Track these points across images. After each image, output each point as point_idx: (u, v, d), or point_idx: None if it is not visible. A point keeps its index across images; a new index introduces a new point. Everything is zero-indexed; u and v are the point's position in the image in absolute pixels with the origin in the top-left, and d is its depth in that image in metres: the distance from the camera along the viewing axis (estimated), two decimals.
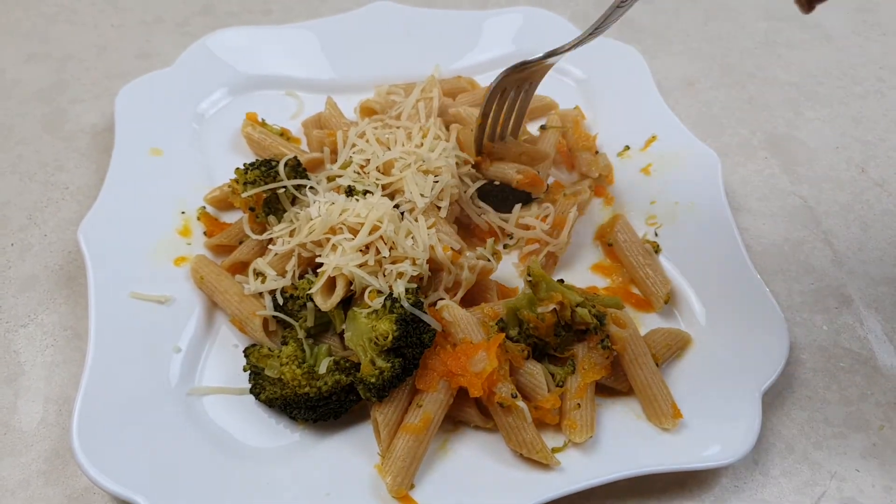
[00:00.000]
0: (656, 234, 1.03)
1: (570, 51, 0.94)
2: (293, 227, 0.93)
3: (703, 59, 1.35)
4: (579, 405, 0.85)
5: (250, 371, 0.88)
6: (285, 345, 0.89)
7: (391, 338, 0.81)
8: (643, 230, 1.04)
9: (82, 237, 0.95)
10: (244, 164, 0.98)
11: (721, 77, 1.33)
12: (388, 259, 0.87)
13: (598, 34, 0.91)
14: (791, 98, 1.30)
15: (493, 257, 0.95)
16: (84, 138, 1.19)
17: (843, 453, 0.89)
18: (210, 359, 0.92)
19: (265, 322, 0.91)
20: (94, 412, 0.82)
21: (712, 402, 0.87)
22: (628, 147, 1.13)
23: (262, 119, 1.14)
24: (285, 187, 0.97)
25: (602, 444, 0.85)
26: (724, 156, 1.11)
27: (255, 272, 0.93)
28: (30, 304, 1.00)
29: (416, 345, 0.83)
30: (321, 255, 0.89)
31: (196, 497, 0.79)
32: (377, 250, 0.88)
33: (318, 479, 0.82)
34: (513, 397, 0.82)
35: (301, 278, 0.92)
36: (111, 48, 1.34)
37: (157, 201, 1.03)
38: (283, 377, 0.85)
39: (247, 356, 0.89)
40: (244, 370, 0.88)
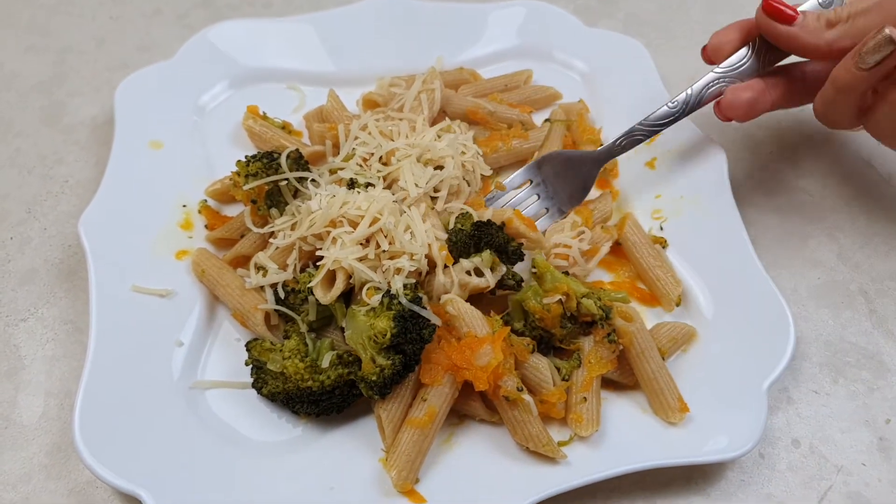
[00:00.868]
0: (661, 228, 1.03)
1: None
2: (295, 220, 0.93)
3: None
4: (585, 399, 0.85)
5: (252, 365, 0.87)
6: (287, 339, 0.88)
7: (390, 335, 0.81)
8: (648, 224, 1.03)
9: (83, 230, 0.94)
10: (246, 157, 0.98)
11: None
12: (386, 254, 0.86)
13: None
14: None
15: (489, 272, 0.89)
16: (83, 131, 1.18)
17: (849, 447, 0.89)
18: (212, 353, 0.92)
19: (267, 316, 0.91)
20: (96, 406, 0.82)
21: (718, 396, 0.87)
22: None
23: (264, 112, 1.13)
24: (287, 179, 0.96)
25: (608, 437, 0.85)
26: (730, 150, 1.10)
27: (257, 266, 0.92)
28: (30, 297, 0.99)
29: (415, 341, 0.82)
30: (321, 249, 0.89)
31: (198, 491, 0.79)
32: (377, 244, 0.87)
33: (322, 473, 0.82)
34: (518, 391, 0.82)
35: (303, 272, 0.91)
36: (111, 40, 1.32)
37: (157, 194, 1.02)
38: (285, 371, 0.84)
39: (249, 350, 0.88)
40: (246, 364, 0.88)
